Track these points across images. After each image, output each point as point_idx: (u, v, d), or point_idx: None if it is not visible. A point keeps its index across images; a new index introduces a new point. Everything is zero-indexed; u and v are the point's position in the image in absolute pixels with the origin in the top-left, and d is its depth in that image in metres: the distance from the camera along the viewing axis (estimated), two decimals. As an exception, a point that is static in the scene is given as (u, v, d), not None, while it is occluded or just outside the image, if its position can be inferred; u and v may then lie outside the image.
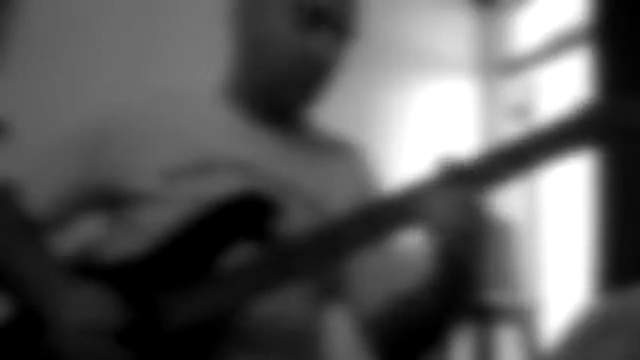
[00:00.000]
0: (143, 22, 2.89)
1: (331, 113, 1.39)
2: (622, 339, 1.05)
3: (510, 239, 3.00)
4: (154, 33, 2.89)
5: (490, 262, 2.87)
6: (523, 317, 2.94)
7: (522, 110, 3.17)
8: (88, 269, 1.14)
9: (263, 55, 1.18)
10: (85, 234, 1.21)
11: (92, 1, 2.85)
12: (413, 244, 1.24)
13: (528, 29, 3.46)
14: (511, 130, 3.21)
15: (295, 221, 1.11)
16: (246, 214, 1.10)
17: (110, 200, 1.18)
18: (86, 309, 1.06)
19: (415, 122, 3.38)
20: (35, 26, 2.69)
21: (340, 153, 1.29)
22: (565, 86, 3.08)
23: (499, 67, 3.53)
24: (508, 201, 3.03)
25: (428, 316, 1.08)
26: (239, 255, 1.08)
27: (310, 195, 1.19)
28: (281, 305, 1.12)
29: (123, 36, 2.85)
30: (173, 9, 2.92)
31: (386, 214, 1.02)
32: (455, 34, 3.53)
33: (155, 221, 1.12)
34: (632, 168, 2.47)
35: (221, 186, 1.12)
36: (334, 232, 1.05)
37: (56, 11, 2.76)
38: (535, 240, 3.22)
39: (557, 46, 3.18)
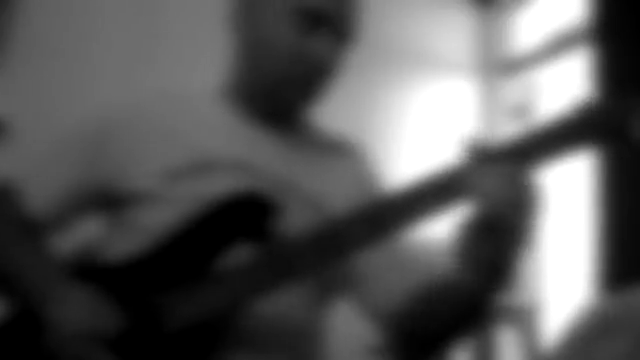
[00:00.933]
0: (143, 22, 2.89)
1: (331, 113, 1.39)
2: (622, 339, 1.05)
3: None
4: (154, 33, 2.89)
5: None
6: (523, 317, 2.94)
7: (522, 110, 3.16)
8: (88, 270, 1.14)
9: (263, 57, 1.18)
10: (85, 234, 1.21)
11: (92, 1, 2.85)
12: (420, 240, 1.24)
13: (528, 29, 3.46)
14: (511, 130, 3.21)
15: (295, 221, 1.11)
16: (246, 214, 1.10)
17: (110, 200, 1.18)
18: (78, 312, 1.05)
19: (415, 122, 3.38)
20: (35, 26, 2.69)
21: (340, 153, 1.29)
22: (565, 86, 3.07)
23: (499, 67, 3.53)
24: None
25: (466, 298, 1.06)
26: (239, 255, 1.08)
27: (310, 195, 1.19)
28: (281, 305, 1.12)
29: (123, 36, 2.84)
30: (173, 9, 2.92)
31: (391, 211, 1.02)
32: (455, 34, 3.53)
33: (155, 221, 1.12)
34: (633, 168, 2.47)
35: (220, 186, 1.12)
36: (335, 231, 1.04)
37: (56, 11, 2.75)
38: (535, 240, 3.21)
39: (557, 46, 3.18)
